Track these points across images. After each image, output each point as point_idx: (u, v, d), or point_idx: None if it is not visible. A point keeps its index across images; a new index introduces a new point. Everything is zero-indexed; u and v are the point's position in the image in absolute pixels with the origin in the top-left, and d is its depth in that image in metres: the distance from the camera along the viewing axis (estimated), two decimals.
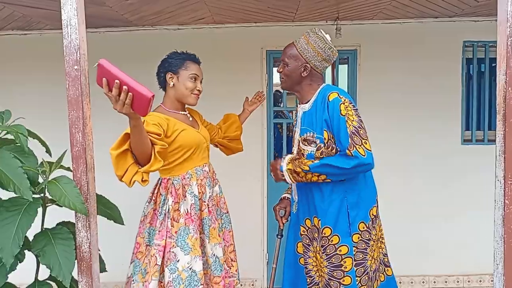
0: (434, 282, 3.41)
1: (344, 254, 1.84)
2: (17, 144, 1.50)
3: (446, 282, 3.41)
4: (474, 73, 3.37)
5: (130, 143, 1.56)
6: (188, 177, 1.94)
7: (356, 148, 1.73)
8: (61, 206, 1.41)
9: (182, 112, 2.02)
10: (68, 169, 1.56)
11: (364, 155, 1.73)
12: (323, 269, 1.88)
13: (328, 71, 3.45)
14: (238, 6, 2.78)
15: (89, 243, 1.41)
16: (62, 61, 1.42)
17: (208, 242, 1.95)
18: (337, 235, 1.85)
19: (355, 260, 1.85)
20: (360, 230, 1.86)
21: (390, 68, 3.30)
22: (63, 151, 1.62)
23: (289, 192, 2.14)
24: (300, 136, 1.92)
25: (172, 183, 1.92)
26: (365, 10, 2.98)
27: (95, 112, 1.63)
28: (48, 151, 1.70)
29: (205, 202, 1.97)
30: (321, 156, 1.83)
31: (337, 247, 1.85)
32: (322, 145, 1.83)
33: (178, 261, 1.84)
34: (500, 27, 1.39)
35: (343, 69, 3.42)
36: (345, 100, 1.79)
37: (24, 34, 3.32)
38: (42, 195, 1.54)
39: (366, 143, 1.76)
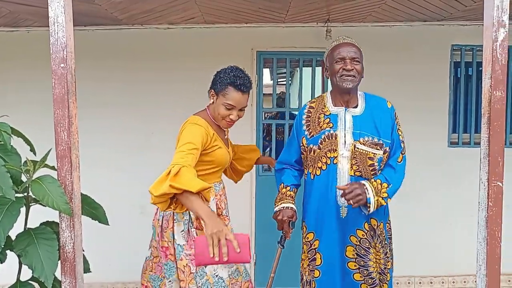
0: (420, 283, 3.45)
1: (389, 238, 2.02)
2: (0, 142, 1.47)
3: (431, 283, 3.44)
4: (461, 77, 3.41)
5: (180, 200, 1.62)
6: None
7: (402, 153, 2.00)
8: (45, 206, 1.40)
9: (224, 128, 2.02)
10: (52, 168, 1.54)
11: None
12: (380, 264, 1.95)
13: (319, 73, 3.46)
14: (228, 6, 2.77)
15: (73, 243, 1.40)
16: (49, 59, 1.40)
17: None
18: (382, 222, 1.98)
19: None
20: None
21: (379, 70, 3.31)
22: (48, 149, 1.60)
23: (292, 201, 2.02)
24: (356, 140, 1.89)
25: None
26: (355, 13, 2.99)
27: (80, 111, 1.61)
28: (32, 149, 1.67)
29: (225, 216, 2.02)
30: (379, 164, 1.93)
31: (384, 233, 1.98)
32: (388, 149, 1.93)
33: (205, 266, 1.85)
34: (486, 32, 1.41)
35: None
36: None
37: (11, 31, 3.27)
38: (25, 194, 1.51)
39: None
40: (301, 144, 2.01)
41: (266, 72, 5.83)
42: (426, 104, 3.33)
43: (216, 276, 1.86)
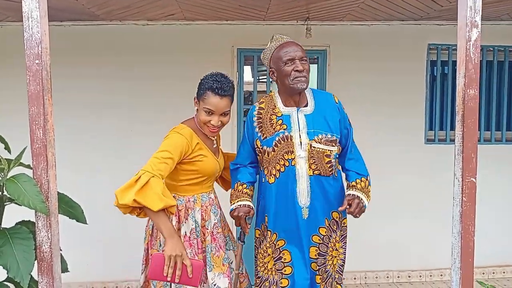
0: (398, 277, 3.52)
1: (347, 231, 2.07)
2: None
3: (409, 277, 3.52)
4: (438, 75, 3.49)
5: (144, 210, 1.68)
6: (192, 201, 1.91)
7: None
8: (21, 205, 1.37)
9: (210, 136, 1.97)
10: (28, 166, 1.51)
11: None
12: (340, 256, 1.99)
13: None
14: (209, 3, 2.76)
15: (49, 243, 1.37)
16: (24, 55, 1.37)
17: (210, 271, 1.90)
18: (340, 213, 2.01)
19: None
20: None
21: (358, 68, 3.36)
22: (23, 147, 1.56)
23: (248, 199, 1.99)
24: (311, 139, 1.89)
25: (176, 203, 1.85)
26: (335, 11, 3.02)
27: (56, 108, 1.58)
28: (7, 147, 1.64)
29: (208, 229, 1.93)
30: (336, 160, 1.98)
31: (346, 226, 2.06)
32: (339, 144, 1.97)
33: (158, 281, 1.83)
34: (460, 31, 1.44)
35: (313, 68, 3.46)
36: None
37: None
38: (0, 193, 1.48)
39: None
40: (256, 146, 1.99)
41: (247, 69, 5.83)
42: (403, 102, 3.40)
43: None
